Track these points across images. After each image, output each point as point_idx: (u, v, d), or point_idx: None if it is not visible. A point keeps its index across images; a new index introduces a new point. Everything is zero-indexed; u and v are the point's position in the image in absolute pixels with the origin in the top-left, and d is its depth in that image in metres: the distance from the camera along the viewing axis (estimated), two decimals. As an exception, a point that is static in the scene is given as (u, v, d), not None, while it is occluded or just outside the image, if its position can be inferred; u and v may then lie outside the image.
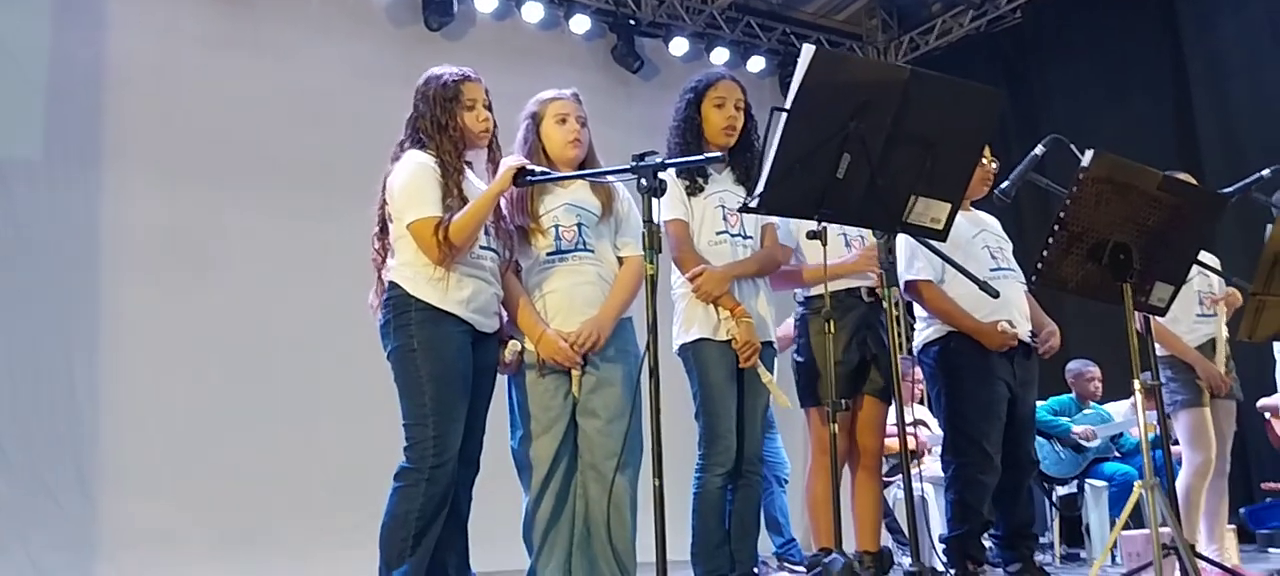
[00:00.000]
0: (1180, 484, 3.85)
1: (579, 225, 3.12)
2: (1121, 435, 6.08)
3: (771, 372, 3.29)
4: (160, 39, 6.06)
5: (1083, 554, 6.01)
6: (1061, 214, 2.78)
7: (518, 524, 3.09)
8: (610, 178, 3.12)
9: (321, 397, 5.94)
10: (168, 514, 5.49)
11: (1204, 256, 4.05)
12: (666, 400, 3.35)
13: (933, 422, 6.21)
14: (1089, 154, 2.76)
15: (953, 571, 3.46)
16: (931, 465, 5.45)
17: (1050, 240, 2.79)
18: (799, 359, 3.48)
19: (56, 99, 5.72)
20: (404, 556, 2.81)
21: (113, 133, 5.84)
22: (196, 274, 5.90)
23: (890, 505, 5.58)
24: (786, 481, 5.46)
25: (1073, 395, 6.14)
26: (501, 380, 3.14)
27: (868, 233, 3.39)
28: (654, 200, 2.54)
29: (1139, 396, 2.78)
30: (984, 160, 3.66)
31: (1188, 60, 7.40)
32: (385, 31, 6.84)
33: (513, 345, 3.03)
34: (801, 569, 5.03)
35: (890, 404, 3.49)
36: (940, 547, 3.55)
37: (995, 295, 3.07)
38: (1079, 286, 2.89)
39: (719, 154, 2.88)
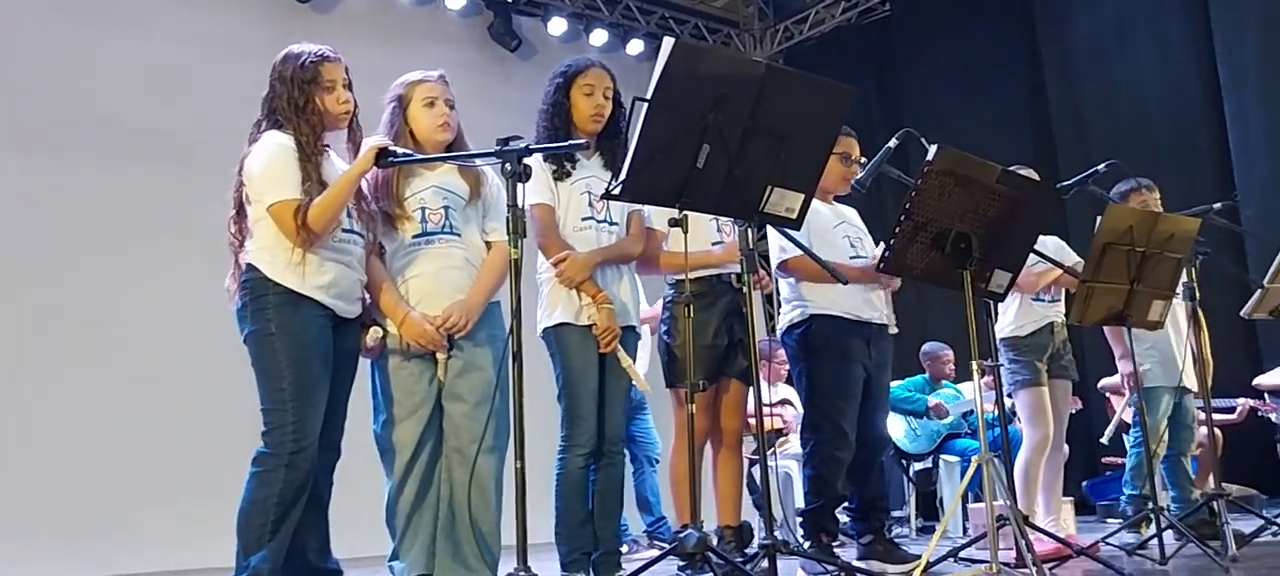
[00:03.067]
0: (1019, 459, 4.09)
1: (446, 208, 3.11)
2: (972, 412, 6.39)
3: (635, 356, 3.36)
4: (5, 4, 5.76)
5: (938, 526, 6.30)
6: (907, 204, 2.91)
7: (380, 509, 3.08)
8: (477, 161, 3.13)
9: (177, 382, 5.77)
10: (14, 504, 5.27)
11: (1051, 243, 4.30)
12: (532, 383, 3.40)
13: (799, 402, 6.42)
14: (934, 148, 2.90)
15: (808, 543, 3.59)
16: (797, 443, 5.64)
17: (897, 229, 2.92)
18: (666, 341, 3.56)
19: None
20: (262, 542, 2.77)
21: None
22: (44, 253, 5.65)
23: (758, 482, 5.74)
24: (658, 461, 5.56)
25: (927, 376, 6.42)
26: (364, 364, 3.12)
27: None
28: (519, 185, 2.57)
29: (977, 378, 2.94)
30: (852, 159, 3.79)
31: (1043, 56, 7.79)
32: (250, 1, 6.64)
33: (374, 331, 3.01)
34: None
35: (750, 385, 3.60)
36: (798, 521, 3.69)
37: (845, 282, 3.20)
38: (923, 273, 3.04)
39: (583, 141, 2.91)
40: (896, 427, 6.20)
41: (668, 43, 2.37)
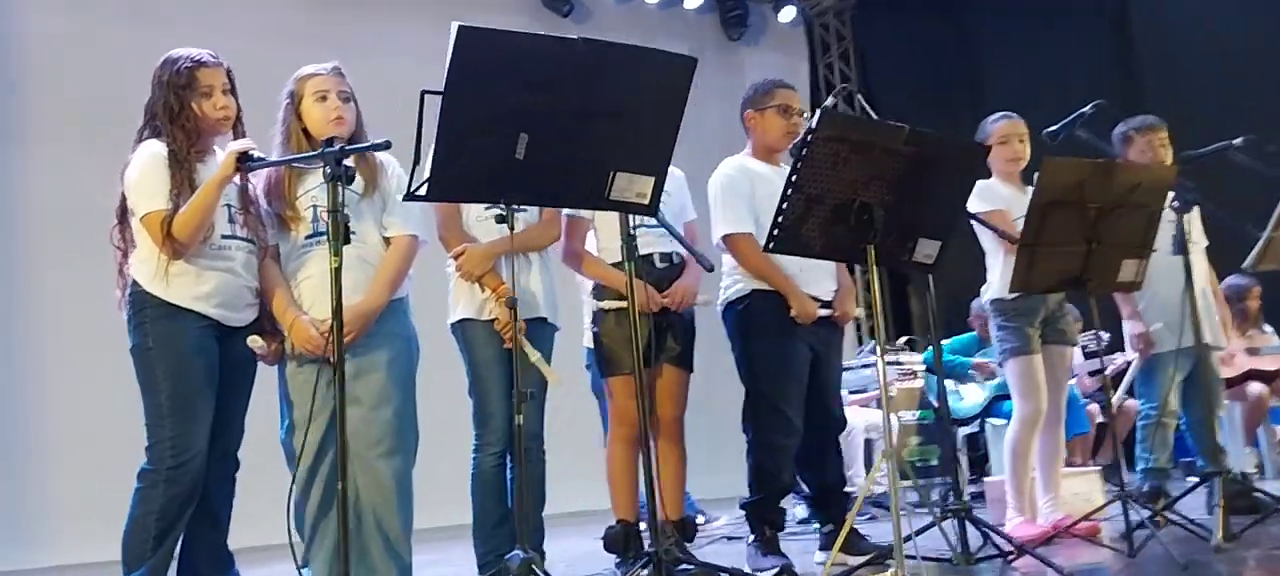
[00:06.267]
0: (1007, 435, 3.68)
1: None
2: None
3: (550, 348, 3.22)
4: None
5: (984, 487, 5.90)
6: (792, 177, 2.63)
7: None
8: (364, 152, 2.98)
9: (87, 380, 5.61)
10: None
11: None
12: (449, 376, 3.29)
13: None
14: (817, 114, 2.61)
15: (753, 537, 3.38)
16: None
17: (783, 205, 2.65)
18: (594, 331, 3.40)
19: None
20: (143, 558, 2.78)
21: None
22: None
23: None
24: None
25: (975, 333, 6.01)
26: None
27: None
28: (339, 187, 2.45)
29: (879, 363, 2.65)
30: (793, 111, 3.52)
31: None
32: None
33: (253, 340, 2.94)
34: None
35: (690, 370, 3.40)
36: (742, 513, 3.47)
37: None
38: (825, 248, 2.76)
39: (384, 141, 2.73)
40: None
41: (454, 27, 2.18)
